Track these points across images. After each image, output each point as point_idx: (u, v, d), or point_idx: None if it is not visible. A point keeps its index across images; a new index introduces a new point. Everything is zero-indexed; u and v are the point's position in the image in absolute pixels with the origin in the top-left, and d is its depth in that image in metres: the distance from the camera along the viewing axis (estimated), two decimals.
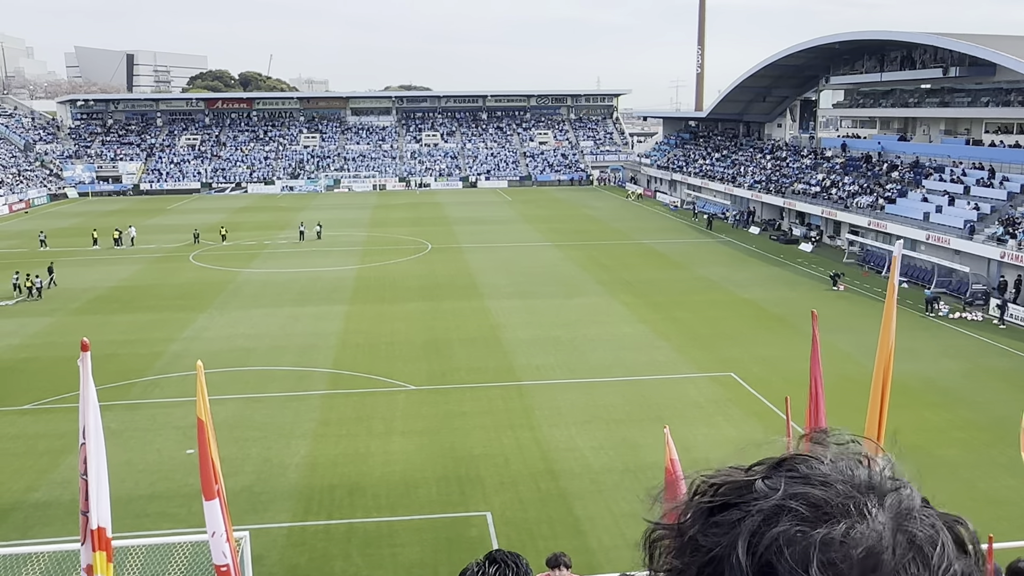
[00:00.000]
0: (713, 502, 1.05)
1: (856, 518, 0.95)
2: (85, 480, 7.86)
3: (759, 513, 0.98)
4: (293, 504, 19.89)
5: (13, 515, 19.53)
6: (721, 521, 1.01)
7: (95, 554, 7.76)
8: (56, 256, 51.37)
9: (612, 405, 26.06)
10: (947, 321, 36.71)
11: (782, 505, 0.98)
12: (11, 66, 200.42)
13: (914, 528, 0.97)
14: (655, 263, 50.05)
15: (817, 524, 0.95)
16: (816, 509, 0.97)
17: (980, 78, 53.15)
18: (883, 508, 0.98)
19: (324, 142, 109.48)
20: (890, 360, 8.52)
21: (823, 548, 0.92)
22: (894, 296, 8.70)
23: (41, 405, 26.65)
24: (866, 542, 0.93)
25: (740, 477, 1.06)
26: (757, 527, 0.97)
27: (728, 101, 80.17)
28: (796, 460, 1.05)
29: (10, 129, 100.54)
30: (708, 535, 1.01)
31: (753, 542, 0.96)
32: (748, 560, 0.95)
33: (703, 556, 1.00)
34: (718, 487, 1.06)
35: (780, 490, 1.00)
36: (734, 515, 1.00)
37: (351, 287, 43.78)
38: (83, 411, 7.93)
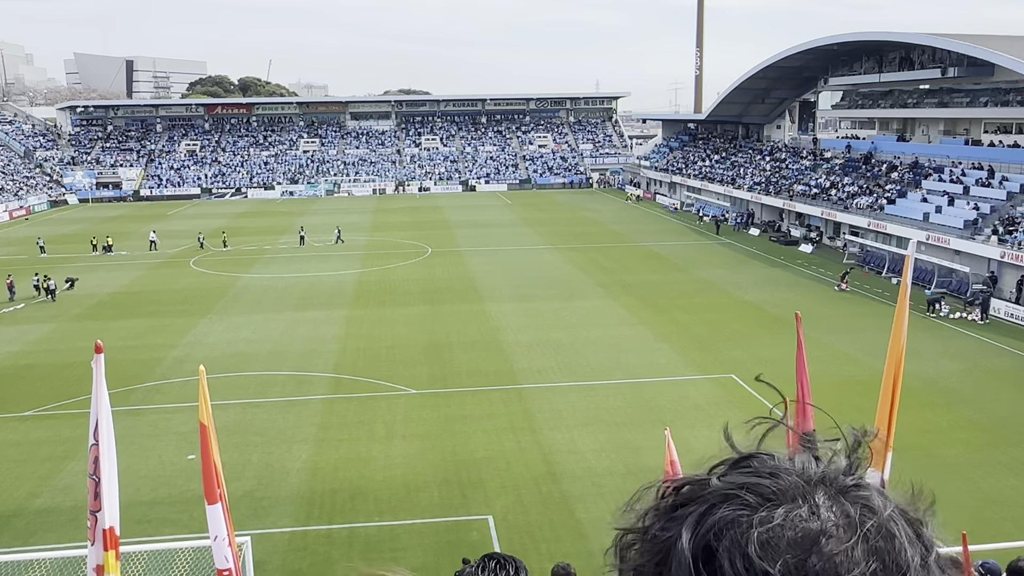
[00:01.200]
0: (676, 500, 1.08)
1: (799, 504, 0.99)
2: (95, 480, 7.88)
3: (704, 502, 1.03)
4: (295, 509, 19.88)
5: (15, 521, 19.52)
6: (677, 515, 1.05)
7: (106, 553, 7.77)
8: (56, 263, 51.36)
9: (613, 407, 26.05)
10: (948, 321, 36.70)
11: (727, 494, 1.02)
12: (11, 73, 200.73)
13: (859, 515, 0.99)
14: (655, 265, 50.05)
15: (758, 509, 0.98)
16: (760, 497, 1.00)
17: (979, 78, 53.18)
18: (829, 497, 1.00)
19: (324, 147, 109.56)
20: (901, 361, 8.51)
21: (760, 528, 0.95)
22: (906, 297, 8.68)
23: (42, 412, 26.64)
24: (804, 524, 0.96)
25: (696, 477, 1.10)
26: (702, 514, 1.01)
27: (727, 103, 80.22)
28: (753, 457, 1.09)
29: (10, 136, 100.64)
30: (664, 529, 1.05)
31: (697, 528, 1.00)
32: (691, 545, 0.98)
33: (658, 546, 1.04)
34: (679, 488, 1.10)
35: (731, 482, 1.05)
36: (688, 509, 1.05)
37: (352, 291, 43.79)
38: (95, 412, 7.97)
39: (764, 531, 0.96)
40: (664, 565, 1.02)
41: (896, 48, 59.41)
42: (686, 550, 0.98)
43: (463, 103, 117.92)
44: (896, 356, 8.48)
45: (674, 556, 1.00)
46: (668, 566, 1.01)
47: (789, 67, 68.53)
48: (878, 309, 38.36)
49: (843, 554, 0.94)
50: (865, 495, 1.02)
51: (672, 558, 1.00)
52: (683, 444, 22.75)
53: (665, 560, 1.01)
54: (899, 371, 8.48)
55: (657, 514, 1.09)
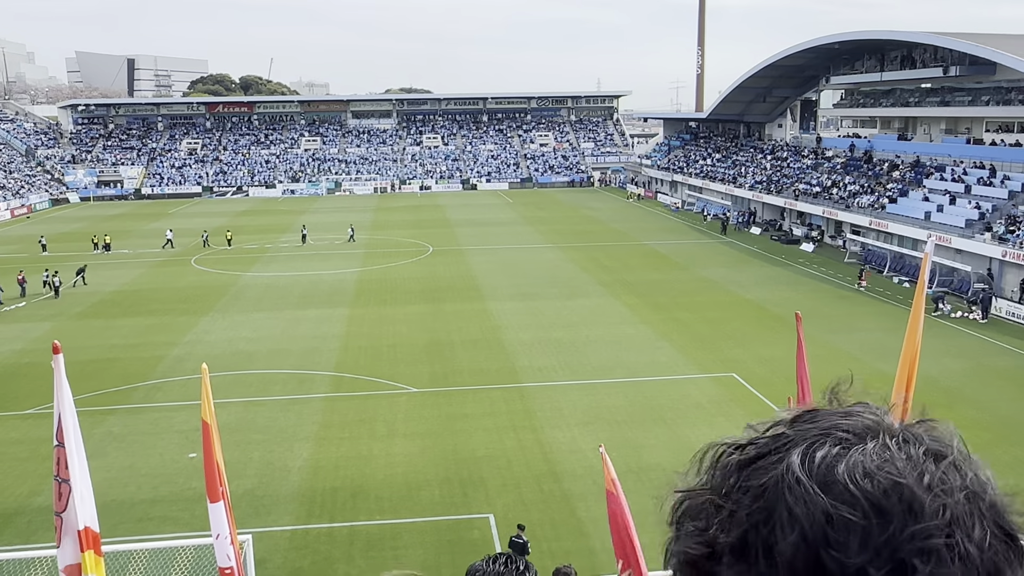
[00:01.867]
0: (744, 456, 1.08)
1: (884, 438, 1.04)
2: (61, 483, 7.84)
3: (802, 442, 1.04)
4: (296, 507, 19.89)
5: (17, 520, 19.53)
6: (760, 466, 1.05)
7: (84, 554, 7.76)
8: (58, 261, 51.39)
9: (614, 406, 26.05)
10: (949, 320, 36.69)
11: (819, 435, 1.04)
12: (12, 71, 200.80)
13: (930, 440, 1.05)
14: (656, 264, 50.05)
15: (856, 443, 1.02)
16: (849, 434, 1.04)
17: (980, 77, 53.12)
18: (897, 431, 1.06)
19: (325, 145, 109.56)
20: (915, 360, 8.48)
21: (875, 455, 1.00)
22: (923, 296, 8.66)
23: (44, 410, 26.61)
24: (903, 449, 1.02)
25: (763, 435, 1.10)
26: (804, 452, 1.02)
27: (728, 102, 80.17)
28: (810, 412, 1.11)
29: (11, 134, 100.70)
30: (752, 478, 1.04)
31: (806, 462, 1.00)
32: (807, 476, 0.99)
33: (754, 492, 1.02)
34: (743, 446, 1.10)
35: (811, 428, 1.06)
36: (773, 458, 1.04)
37: (353, 290, 43.80)
38: (58, 413, 7.95)
39: (879, 455, 1.00)
40: (769, 508, 1.00)
41: (898, 47, 59.35)
42: (806, 480, 0.98)
43: (464, 101, 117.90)
44: (911, 355, 8.45)
45: (790, 491, 0.99)
46: (776, 505, 0.99)
47: (791, 66, 68.48)
48: (879, 308, 38.36)
49: (944, 468, 1.01)
50: (934, 426, 1.08)
51: (787, 494, 0.99)
52: (684, 443, 22.81)
53: (773, 500, 1.00)
54: (913, 370, 8.45)
55: (728, 471, 1.08)
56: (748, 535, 1.01)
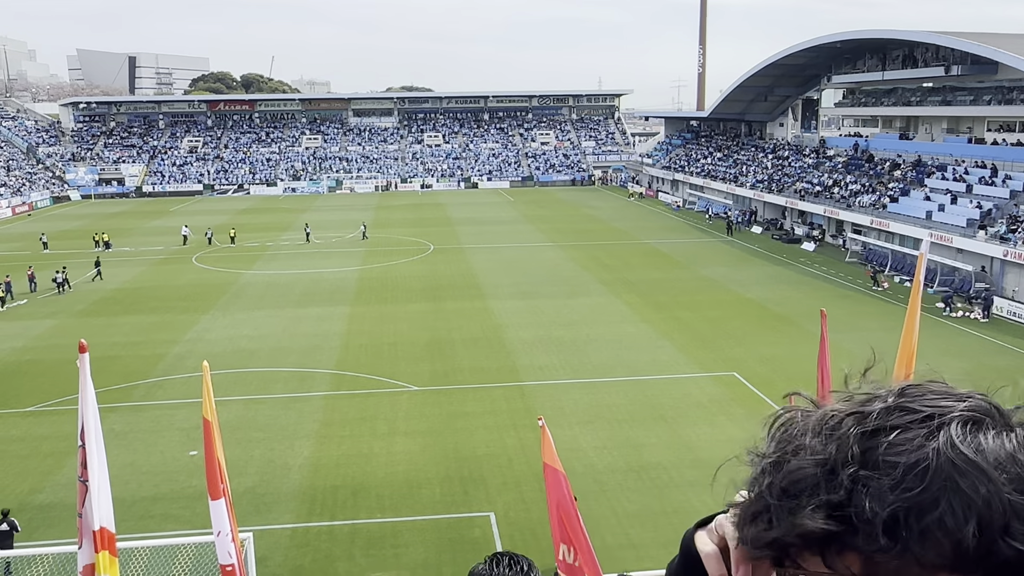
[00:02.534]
0: (864, 428, 1.02)
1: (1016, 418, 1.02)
2: (83, 484, 7.88)
3: (951, 422, 0.99)
4: (296, 505, 19.90)
5: (17, 517, 19.51)
6: (900, 439, 0.99)
7: (98, 554, 7.78)
8: (58, 259, 51.40)
9: (615, 405, 26.05)
10: (950, 319, 36.68)
11: (963, 415, 1.00)
12: (14, 69, 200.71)
13: None
14: (657, 263, 50.03)
15: (1003, 425, 1.01)
16: (987, 415, 1.02)
17: (982, 76, 53.06)
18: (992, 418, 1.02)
19: (326, 143, 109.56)
20: (912, 358, 8.48)
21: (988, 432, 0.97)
22: (919, 295, 8.65)
23: (45, 407, 26.68)
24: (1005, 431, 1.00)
25: (878, 405, 1.05)
26: (960, 432, 0.98)
27: (730, 101, 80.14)
28: (910, 387, 1.08)
29: (13, 132, 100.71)
30: (899, 453, 0.98)
31: (972, 446, 0.96)
32: (981, 459, 0.95)
33: (900, 471, 0.96)
34: (858, 415, 1.04)
35: (940, 405, 1.02)
36: (913, 432, 0.99)
37: (354, 288, 43.81)
38: (82, 413, 7.96)
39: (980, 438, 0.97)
40: (932, 489, 0.94)
41: (900, 46, 59.29)
42: (983, 465, 0.94)
43: (465, 100, 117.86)
44: (907, 354, 8.45)
45: (962, 476, 0.93)
46: (941, 488, 0.94)
47: (792, 65, 68.43)
48: (881, 307, 38.34)
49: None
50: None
51: (959, 478, 0.93)
52: (685, 442, 22.82)
53: (933, 483, 0.94)
54: (910, 369, 8.44)
55: (844, 444, 1.01)
56: (899, 513, 0.94)
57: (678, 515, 19.09)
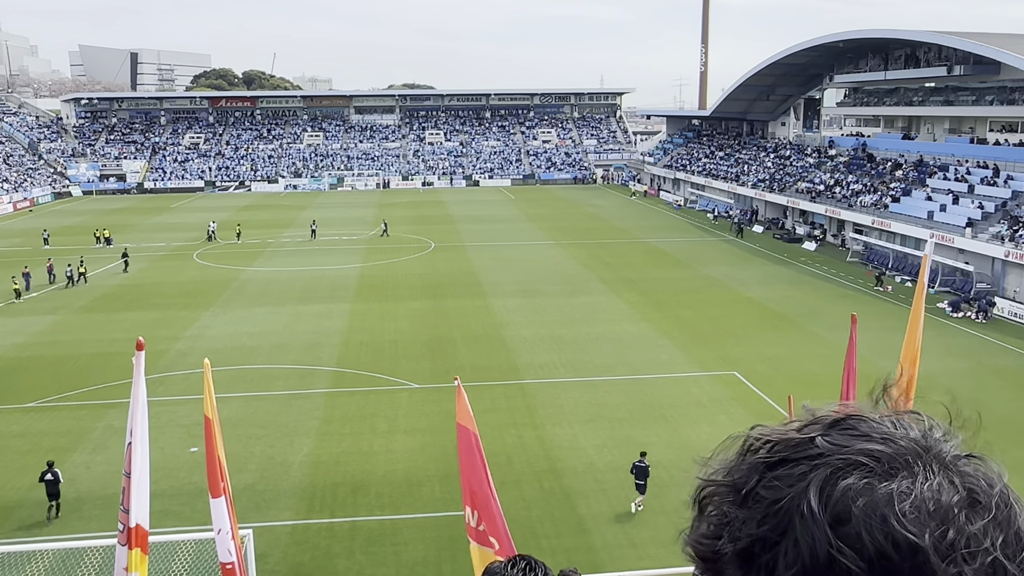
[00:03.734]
0: (770, 458, 1.04)
1: (921, 474, 0.98)
2: (128, 478, 7.91)
3: (826, 466, 0.99)
4: (296, 502, 19.92)
5: (17, 512, 19.58)
6: (783, 475, 1.01)
7: (131, 551, 7.80)
8: (59, 254, 51.41)
9: (615, 404, 26.05)
10: (951, 320, 36.67)
11: (848, 459, 0.99)
12: (16, 65, 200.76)
13: (972, 484, 0.99)
14: (658, 261, 50.03)
15: (885, 478, 0.96)
16: (880, 464, 0.98)
17: (985, 76, 53.01)
18: (944, 468, 1.00)
19: (327, 140, 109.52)
20: (916, 359, 8.46)
21: (899, 499, 0.94)
22: (923, 295, 8.63)
23: (45, 403, 26.70)
24: (935, 495, 0.95)
25: (796, 435, 1.06)
26: (826, 479, 0.97)
27: (732, 99, 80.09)
28: (853, 419, 1.06)
29: (14, 127, 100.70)
30: (770, 488, 1.01)
31: (825, 492, 0.96)
32: (821, 508, 0.95)
33: (766, 507, 1.00)
34: (774, 444, 1.06)
35: (845, 446, 1.01)
36: (797, 469, 1.00)
37: (354, 285, 43.81)
38: (132, 409, 7.98)
39: (901, 501, 0.94)
40: (780, 529, 0.97)
41: (902, 46, 59.24)
42: (817, 513, 0.95)
43: (467, 98, 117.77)
44: (911, 354, 8.43)
45: (801, 520, 0.95)
46: (787, 530, 0.96)
47: (795, 64, 68.38)
48: (882, 307, 38.30)
49: (977, 526, 0.94)
50: (979, 466, 1.02)
51: (798, 522, 0.95)
52: (685, 441, 22.82)
53: (783, 523, 0.97)
54: (914, 369, 8.43)
55: (752, 469, 1.05)
56: (754, 547, 0.99)
57: (678, 514, 19.09)
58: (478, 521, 8.54)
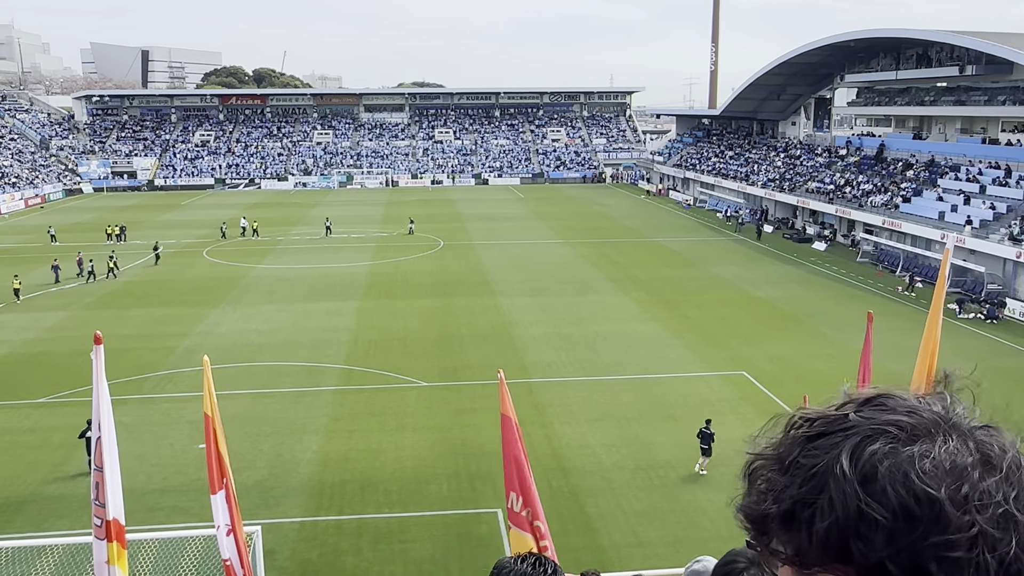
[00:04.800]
0: (810, 432, 1.17)
1: (942, 439, 1.11)
2: (99, 472, 7.92)
3: (857, 435, 1.12)
4: (305, 499, 19.97)
5: (28, 507, 19.69)
6: (820, 445, 1.14)
7: (109, 545, 7.81)
8: (76, 250, 51.66)
9: (624, 403, 26.02)
10: (961, 321, 36.49)
11: (876, 427, 1.12)
12: (28, 62, 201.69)
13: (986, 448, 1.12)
14: (667, 261, 49.93)
15: (908, 443, 1.10)
16: (904, 432, 1.12)
17: (997, 76, 52.70)
18: (963, 435, 1.13)
19: (337, 139, 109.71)
20: (934, 359, 8.41)
21: (920, 459, 1.07)
22: (942, 295, 8.56)
23: (56, 399, 26.84)
24: (953, 456, 1.08)
25: (833, 412, 1.19)
26: (856, 445, 1.10)
27: (742, 99, 79.83)
28: (883, 396, 1.19)
29: (26, 124, 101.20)
30: (808, 456, 1.14)
31: (855, 456, 1.09)
32: (852, 469, 1.08)
33: (805, 472, 1.13)
34: (813, 420, 1.19)
35: (874, 418, 1.14)
36: (832, 440, 1.14)
37: (363, 283, 43.88)
38: (96, 404, 7.98)
39: (921, 461, 1.07)
40: (817, 489, 1.10)
41: (914, 45, 58.93)
42: (848, 473, 1.07)
43: (476, 96, 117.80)
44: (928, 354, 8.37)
45: (834, 481, 1.08)
46: (823, 490, 1.09)
47: (805, 63, 68.10)
48: (893, 307, 38.14)
49: (989, 483, 1.07)
50: (994, 434, 1.16)
51: (831, 482, 1.08)
52: (693, 441, 22.78)
53: (819, 485, 1.10)
54: (932, 370, 8.37)
55: (794, 442, 1.18)
56: (795, 508, 1.12)
57: (686, 514, 19.07)
58: (522, 506, 8.73)
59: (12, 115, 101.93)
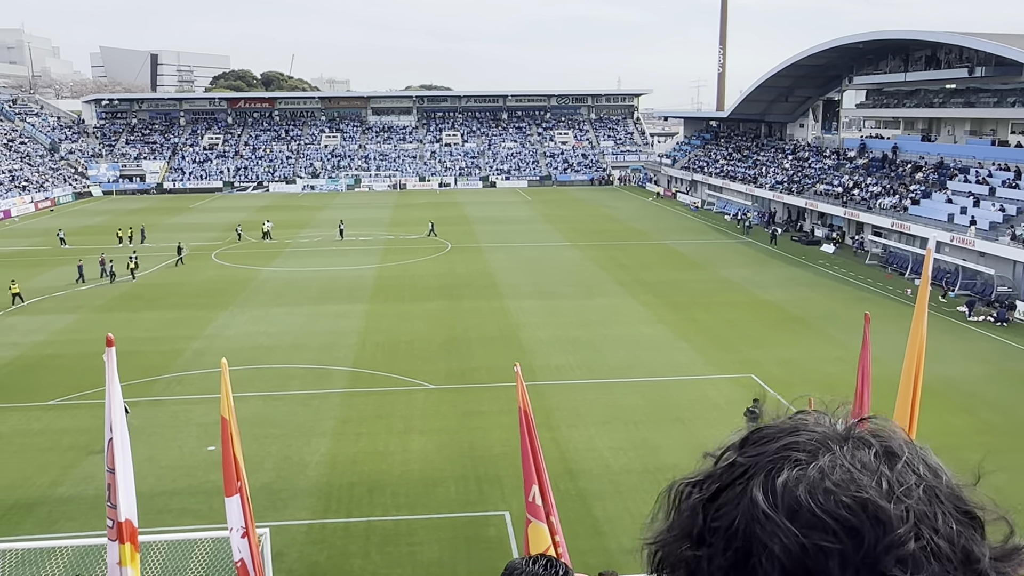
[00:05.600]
0: (705, 494, 1.08)
1: (836, 446, 1.05)
2: (111, 473, 7.97)
3: (759, 472, 1.04)
4: (313, 502, 20.00)
5: (38, 509, 19.77)
6: (725, 500, 1.05)
7: (122, 546, 7.86)
8: (86, 253, 51.90)
9: (631, 406, 25.99)
10: (970, 323, 36.33)
11: (773, 459, 1.05)
12: (38, 66, 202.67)
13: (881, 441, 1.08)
14: (675, 263, 49.87)
15: (809, 461, 1.03)
16: (803, 452, 1.05)
17: (1006, 78, 52.51)
18: (849, 435, 1.08)
19: (345, 141, 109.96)
20: (921, 357, 8.40)
21: (831, 471, 1.01)
22: (926, 293, 8.57)
23: (66, 401, 26.96)
24: (856, 457, 1.04)
25: (716, 467, 1.11)
26: (764, 483, 1.02)
27: (750, 101, 79.71)
28: (755, 432, 1.12)
29: (36, 128, 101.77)
30: (719, 518, 1.04)
31: (769, 493, 1.01)
32: (773, 509, 0.99)
33: (724, 535, 1.02)
34: (701, 482, 1.10)
35: (763, 452, 1.07)
36: (735, 490, 1.05)
37: (371, 286, 43.95)
38: (109, 406, 8.03)
39: (834, 472, 1.01)
40: (746, 547, 1.00)
41: (922, 47, 58.77)
42: (773, 514, 0.99)
43: (484, 99, 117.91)
44: (915, 352, 8.37)
45: (761, 528, 0.99)
46: (752, 543, 1.00)
47: (813, 65, 67.96)
48: (899, 310, 37.97)
49: (900, 467, 1.03)
50: (880, 425, 1.11)
51: (759, 531, 0.99)
52: (702, 444, 22.55)
53: (747, 540, 1.00)
54: (919, 367, 8.37)
55: (694, 512, 1.08)
56: (730, 574, 1.01)
57: None
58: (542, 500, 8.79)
59: (22, 118, 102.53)
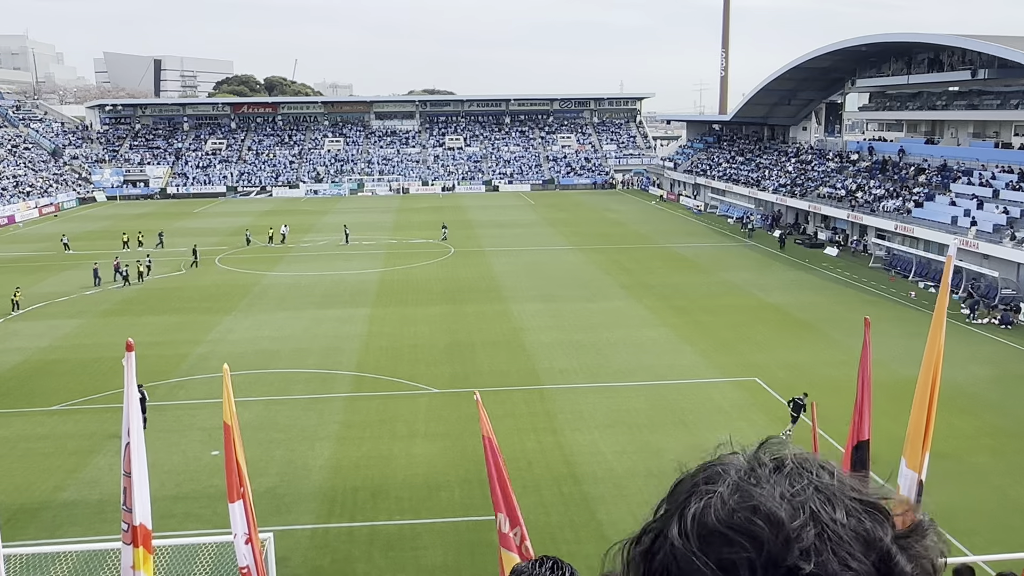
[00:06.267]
0: (643, 546, 1.18)
1: (732, 469, 1.17)
2: (128, 477, 7.98)
3: (675, 511, 1.16)
4: (316, 506, 19.99)
5: (42, 514, 19.78)
6: (655, 549, 1.15)
7: (135, 550, 7.87)
8: (89, 259, 51.97)
9: (635, 409, 25.96)
10: (976, 326, 36.25)
11: (685, 497, 1.16)
12: (42, 72, 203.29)
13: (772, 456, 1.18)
14: (678, 267, 49.84)
15: (710, 489, 1.14)
16: (708, 483, 1.16)
17: (1009, 80, 52.45)
18: (744, 458, 1.20)
19: (348, 146, 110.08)
20: (939, 363, 8.37)
21: (729, 492, 1.12)
22: (946, 300, 8.53)
23: (70, 406, 26.98)
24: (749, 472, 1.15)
25: (649, 522, 1.21)
26: (680, 517, 1.13)
27: (752, 104, 79.69)
28: (679, 481, 1.25)
29: (40, 134, 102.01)
30: (654, 565, 1.14)
31: (683, 525, 1.12)
32: (685, 540, 1.10)
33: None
34: (638, 538, 1.20)
35: (679, 492, 1.20)
36: (661, 538, 1.15)
37: (374, 290, 43.97)
38: (126, 410, 8.04)
39: (731, 492, 1.12)
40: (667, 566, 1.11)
41: (925, 49, 58.71)
42: (686, 544, 1.09)
43: (487, 103, 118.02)
44: (933, 358, 8.33)
45: (685, 561, 1.08)
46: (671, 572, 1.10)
47: (816, 68, 67.92)
48: (904, 313, 37.95)
49: (788, 472, 1.13)
50: (772, 444, 1.22)
51: (684, 565, 1.08)
52: (705, 447, 22.59)
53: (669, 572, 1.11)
54: (937, 373, 8.33)
55: (639, 565, 1.17)
56: None
57: None
58: (510, 527, 8.69)
59: (26, 124, 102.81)
